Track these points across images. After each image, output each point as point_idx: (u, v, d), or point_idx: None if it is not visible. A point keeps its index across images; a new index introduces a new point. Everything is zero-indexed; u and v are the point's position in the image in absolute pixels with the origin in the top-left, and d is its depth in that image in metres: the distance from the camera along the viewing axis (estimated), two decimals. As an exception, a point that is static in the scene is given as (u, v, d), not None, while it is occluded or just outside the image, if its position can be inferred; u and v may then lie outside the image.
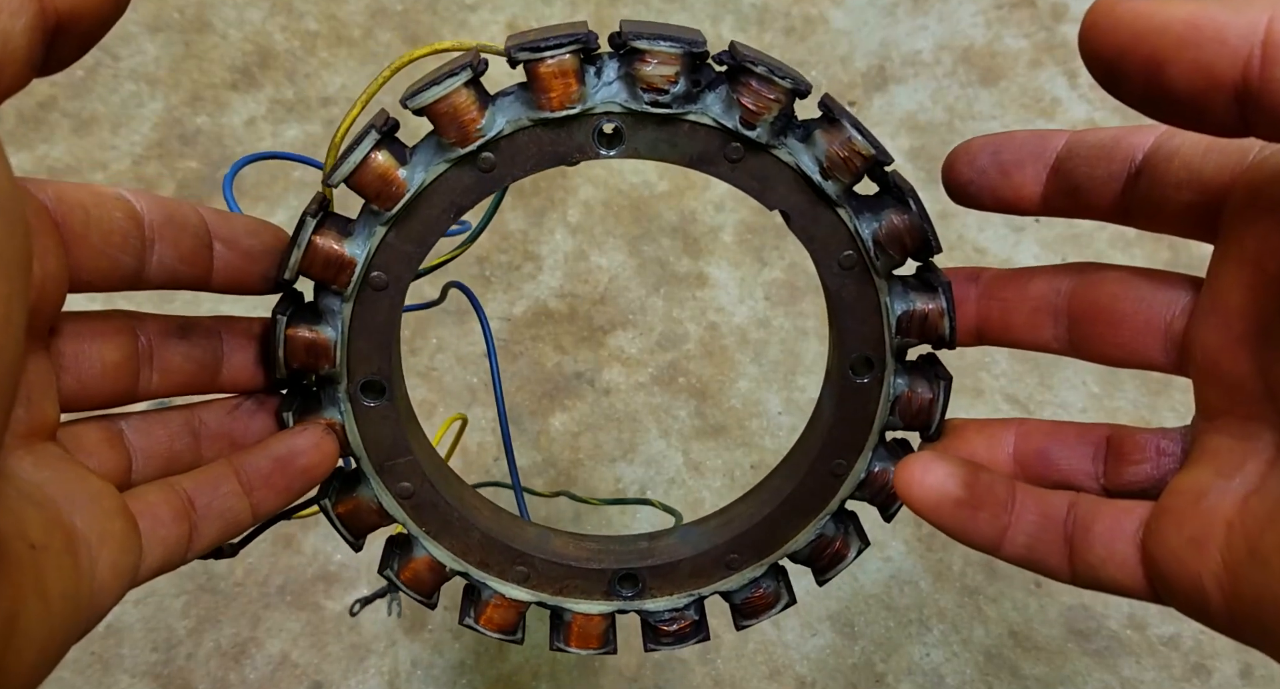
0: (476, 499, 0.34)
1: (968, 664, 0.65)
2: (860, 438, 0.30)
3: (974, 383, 0.73)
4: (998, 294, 0.28)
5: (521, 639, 0.33)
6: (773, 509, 0.31)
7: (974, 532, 0.26)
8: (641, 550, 0.33)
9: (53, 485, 0.22)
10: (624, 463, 0.71)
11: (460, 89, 0.25)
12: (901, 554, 0.68)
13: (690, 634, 0.33)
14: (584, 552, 0.33)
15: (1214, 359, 0.24)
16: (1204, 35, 0.18)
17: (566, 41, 0.25)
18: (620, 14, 0.86)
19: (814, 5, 0.87)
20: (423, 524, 0.32)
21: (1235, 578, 0.21)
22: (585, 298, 0.75)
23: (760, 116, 0.26)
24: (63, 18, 0.19)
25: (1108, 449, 0.27)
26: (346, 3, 0.85)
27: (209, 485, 0.27)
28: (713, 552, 0.32)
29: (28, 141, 0.77)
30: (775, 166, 0.27)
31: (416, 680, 0.64)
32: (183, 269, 0.26)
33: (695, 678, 0.65)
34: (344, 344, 0.28)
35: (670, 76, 0.25)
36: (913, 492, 0.26)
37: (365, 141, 0.26)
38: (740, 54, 0.25)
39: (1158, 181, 0.24)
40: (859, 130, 0.26)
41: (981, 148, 0.27)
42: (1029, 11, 0.86)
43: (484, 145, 0.26)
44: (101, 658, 0.63)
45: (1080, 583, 0.26)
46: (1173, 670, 0.65)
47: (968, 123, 0.82)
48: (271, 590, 0.66)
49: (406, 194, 0.26)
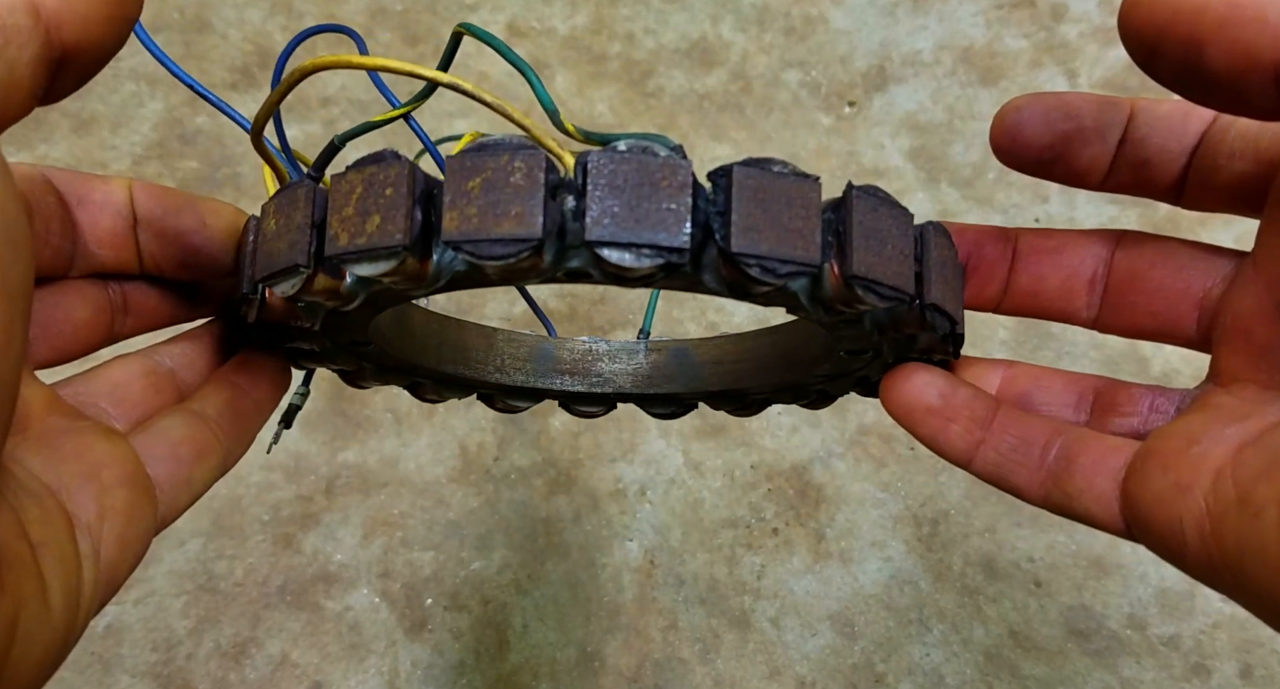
0: (481, 343, 0.35)
1: (968, 664, 0.65)
2: (848, 377, 0.31)
3: (974, 383, 0.73)
4: (1033, 259, 0.27)
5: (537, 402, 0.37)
6: (762, 384, 0.33)
7: (944, 443, 0.26)
8: (635, 372, 0.36)
9: (47, 470, 0.22)
10: (624, 463, 0.71)
11: (397, 266, 0.21)
12: (901, 554, 0.68)
13: (682, 415, 0.37)
14: (584, 376, 0.35)
15: (1247, 325, 0.23)
16: (1245, 14, 0.18)
17: (516, 249, 0.20)
18: (620, 14, 0.86)
19: (814, 5, 0.87)
20: (430, 380, 0.34)
21: (1219, 525, 0.21)
22: (585, 298, 0.75)
23: (750, 294, 0.22)
24: (67, 49, 0.19)
25: (1095, 399, 0.27)
26: (346, 3, 0.85)
27: (229, 407, 0.27)
28: (703, 393, 0.35)
29: (28, 141, 0.77)
30: (771, 296, 0.23)
31: (416, 680, 0.64)
32: (104, 254, 0.25)
33: (695, 678, 0.65)
34: (319, 341, 0.28)
35: (645, 273, 0.20)
36: (890, 396, 0.27)
37: (297, 277, 0.22)
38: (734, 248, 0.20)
39: (1213, 152, 0.24)
40: (874, 291, 0.22)
41: (1059, 109, 0.25)
42: (1029, 11, 0.86)
43: (432, 291, 0.22)
44: (101, 658, 0.63)
45: (1050, 508, 0.25)
46: (1173, 670, 0.65)
47: (968, 123, 0.82)
48: (271, 590, 0.66)
49: (354, 303, 0.23)
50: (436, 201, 0.21)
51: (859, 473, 0.70)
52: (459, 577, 0.67)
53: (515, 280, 0.22)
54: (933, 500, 0.69)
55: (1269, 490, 0.20)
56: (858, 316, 0.24)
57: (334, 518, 0.68)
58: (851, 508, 0.69)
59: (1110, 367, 0.73)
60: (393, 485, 0.69)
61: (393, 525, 0.68)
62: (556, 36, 0.85)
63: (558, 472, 0.70)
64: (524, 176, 0.20)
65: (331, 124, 0.80)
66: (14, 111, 0.19)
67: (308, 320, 0.25)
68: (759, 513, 0.69)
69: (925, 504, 0.69)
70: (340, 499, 0.68)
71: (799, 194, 0.21)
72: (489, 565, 0.67)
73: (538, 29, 0.85)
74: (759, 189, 0.20)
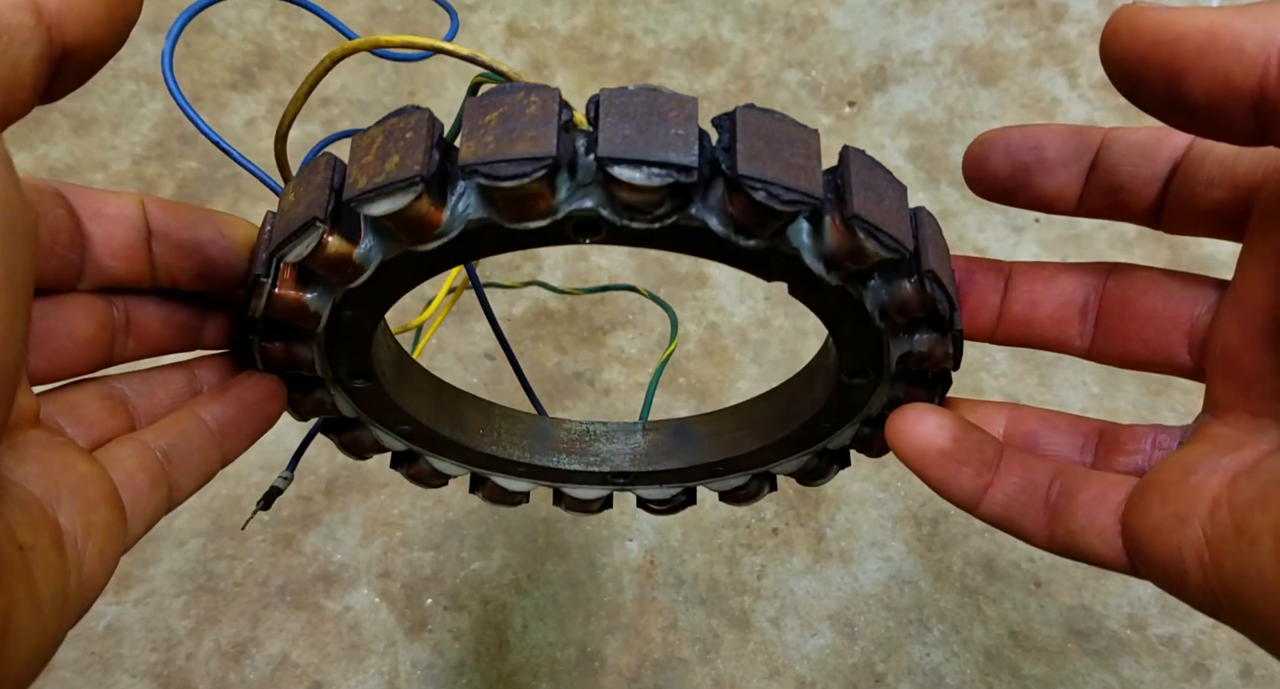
0: (475, 412, 0.35)
1: (968, 664, 0.65)
2: (850, 415, 0.31)
3: (974, 383, 0.73)
4: (1025, 287, 0.27)
5: (526, 500, 0.37)
6: (761, 445, 0.33)
7: (955, 486, 0.26)
8: (634, 451, 0.35)
9: (35, 480, 0.22)
10: (624, 463, 0.71)
11: (413, 203, 0.21)
12: (901, 554, 0.68)
13: (680, 507, 0.36)
14: (580, 455, 0.35)
15: (1234, 354, 0.24)
16: (1221, 44, 0.18)
17: (532, 168, 0.20)
18: (620, 14, 0.86)
19: (814, 5, 0.87)
20: (425, 447, 0.33)
21: (1217, 554, 0.21)
22: (585, 298, 0.75)
23: (756, 232, 0.22)
24: (68, 48, 0.20)
25: (1100, 440, 0.27)
26: (346, 3, 0.85)
27: (183, 440, 0.26)
28: (703, 466, 0.34)
29: (28, 141, 0.77)
30: (774, 256, 0.23)
31: (416, 680, 0.64)
32: (118, 266, 0.25)
33: (695, 678, 0.65)
34: (322, 358, 0.28)
35: (653, 203, 0.21)
36: (901, 439, 0.26)
37: (312, 233, 0.23)
38: (740, 172, 0.21)
39: (1190, 179, 0.24)
40: (874, 237, 0.22)
41: (1020, 142, 0.26)
42: (1029, 11, 0.86)
43: (444, 244, 0.23)
44: (101, 658, 0.63)
45: (1056, 549, 0.26)
46: (1173, 670, 0.65)
47: (968, 123, 0.82)
48: (271, 590, 0.66)
49: (364, 275, 0.24)
50: (454, 151, 0.22)
51: (859, 473, 0.70)
52: (459, 577, 0.66)
53: (527, 217, 0.22)
54: (933, 500, 0.69)
55: (1264, 519, 0.20)
56: (864, 273, 0.23)
57: (334, 518, 0.68)
58: (851, 508, 0.69)
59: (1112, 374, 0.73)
60: (393, 485, 0.69)
61: (393, 525, 0.68)
62: (556, 36, 0.85)
63: (558, 472, 0.70)
64: (539, 108, 0.21)
65: (331, 124, 0.80)
66: (16, 109, 0.19)
67: (312, 319, 0.25)
68: (759, 513, 0.69)
69: (925, 504, 0.69)
70: (340, 499, 0.68)
71: (799, 137, 0.22)
72: (489, 565, 0.67)
73: (538, 29, 0.85)
74: (761, 126, 0.21)
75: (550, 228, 0.22)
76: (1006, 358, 0.74)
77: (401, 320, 0.34)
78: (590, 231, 0.23)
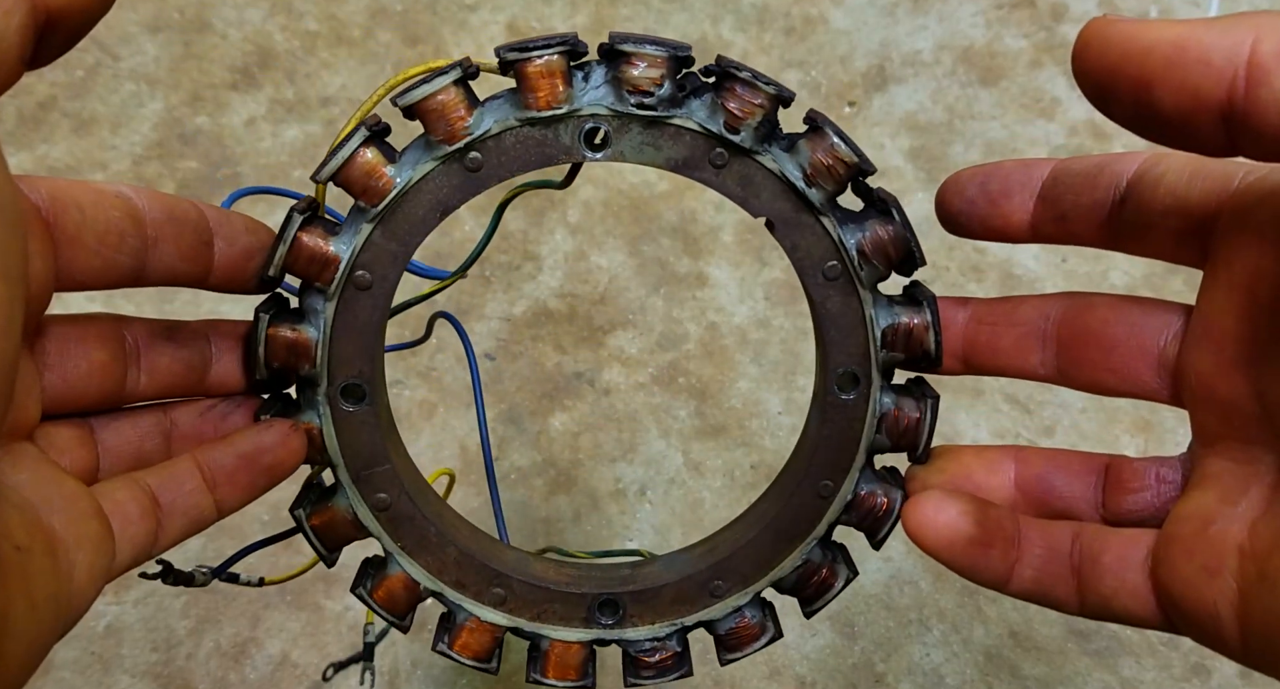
0: (455, 517, 0.33)
1: (968, 664, 0.65)
2: (847, 459, 0.30)
3: (974, 383, 0.73)
4: (986, 319, 0.28)
5: (496, 669, 0.32)
6: (758, 533, 0.31)
7: (985, 569, 0.26)
8: (623, 576, 0.32)
9: (30, 488, 0.22)
10: (624, 463, 0.71)
11: (449, 86, 0.26)
12: (901, 554, 0.68)
13: (672, 668, 0.32)
14: (564, 576, 0.32)
15: (1209, 384, 0.24)
16: (1189, 57, 0.19)
17: (555, 43, 0.26)
18: (620, 14, 0.86)
19: (814, 5, 0.87)
20: (398, 539, 0.31)
21: (1247, 603, 0.21)
22: (585, 298, 0.75)
23: (744, 121, 0.26)
24: (53, 13, 0.20)
25: (1106, 477, 0.27)
26: (346, 3, 0.85)
27: (173, 482, 0.26)
28: (696, 577, 0.31)
29: (28, 141, 0.77)
30: (760, 172, 0.27)
31: (416, 680, 0.64)
32: (182, 266, 0.26)
33: (695, 678, 0.65)
34: (325, 344, 0.28)
35: (656, 79, 0.26)
36: (925, 532, 0.26)
37: (354, 138, 0.26)
38: (725, 61, 0.26)
39: (1144, 208, 0.25)
40: (842, 138, 0.26)
41: (969, 179, 0.27)
42: (1029, 11, 0.86)
43: (471, 144, 0.26)
44: (101, 658, 0.63)
45: (1090, 614, 0.25)
46: (1173, 670, 0.65)
47: (968, 123, 0.82)
48: (271, 590, 0.66)
49: (393, 191, 0.27)
50: None
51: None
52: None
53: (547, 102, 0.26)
54: (933, 500, 0.69)
55: None
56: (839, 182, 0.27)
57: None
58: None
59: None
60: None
61: (393, 525, 0.68)
62: (556, 36, 0.85)
63: (558, 472, 0.70)
64: (559, 33, 0.26)
65: (331, 124, 0.80)
66: (5, 78, 0.19)
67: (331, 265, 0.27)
68: (759, 513, 0.69)
69: (925, 504, 0.69)
70: (340, 499, 0.68)
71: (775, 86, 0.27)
72: (489, 565, 0.67)
73: (538, 29, 0.85)
74: (741, 65, 0.26)
75: (566, 120, 0.26)
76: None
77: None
78: (600, 140, 0.27)
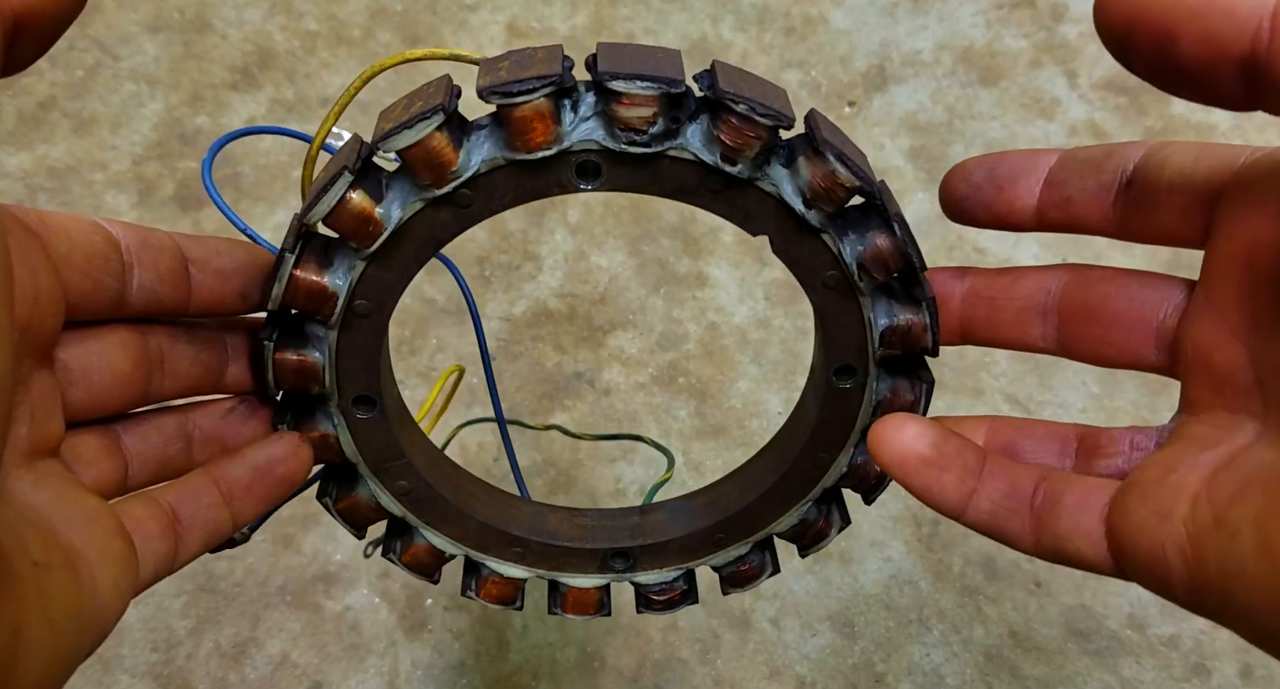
0: (473, 486, 0.34)
1: (968, 664, 0.65)
2: (843, 435, 0.31)
3: (974, 383, 0.73)
4: (984, 292, 0.28)
5: (521, 606, 0.35)
6: (758, 496, 0.32)
7: (938, 493, 0.26)
8: (632, 528, 0.34)
9: (51, 506, 0.22)
10: (624, 463, 0.71)
11: (433, 133, 0.24)
12: (901, 554, 0.68)
13: (680, 601, 0.35)
14: (577, 531, 0.34)
15: (1206, 353, 0.24)
16: (1214, 6, 0.19)
17: (540, 85, 0.24)
18: (620, 14, 0.86)
19: (814, 5, 0.87)
20: (421, 516, 0.32)
21: (1199, 548, 0.21)
22: (585, 298, 0.75)
23: (741, 153, 0.25)
24: (20, 18, 0.19)
25: (1079, 445, 0.27)
26: (346, 3, 0.85)
27: (191, 498, 0.27)
28: (701, 532, 0.33)
29: (28, 141, 0.77)
30: (758, 198, 0.26)
31: (416, 680, 0.64)
32: (164, 291, 0.26)
33: (695, 678, 0.65)
34: (332, 367, 0.28)
35: (648, 118, 0.25)
36: (882, 447, 0.27)
37: (339, 182, 0.25)
38: (721, 90, 0.24)
39: (1150, 187, 0.25)
40: (843, 162, 0.25)
41: (976, 166, 0.27)
42: (1029, 11, 0.86)
43: (460, 185, 0.25)
44: (101, 658, 0.63)
45: (1043, 554, 0.26)
46: (1173, 670, 0.65)
47: (968, 123, 0.82)
48: (271, 590, 0.66)
49: (384, 233, 0.26)
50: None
51: (859, 473, 0.70)
52: (459, 577, 0.66)
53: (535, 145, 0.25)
54: (933, 500, 0.69)
55: (1244, 510, 0.20)
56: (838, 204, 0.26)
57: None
58: (851, 508, 0.69)
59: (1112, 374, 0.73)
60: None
61: (393, 525, 0.68)
62: (556, 36, 0.85)
63: (558, 471, 0.70)
64: (546, 54, 0.25)
65: (331, 124, 0.80)
66: None
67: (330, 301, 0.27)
68: (759, 513, 0.69)
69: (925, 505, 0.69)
70: (340, 499, 0.68)
71: (771, 87, 0.25)
72: (489, 565, 0.67)
73: (538, 29, 0.85)
74: (736, 73, 0.25)
75: (556, 158, 0.25)
76: (1007, 358, 0.74)
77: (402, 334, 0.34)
78: (591, 173, 0.26)
